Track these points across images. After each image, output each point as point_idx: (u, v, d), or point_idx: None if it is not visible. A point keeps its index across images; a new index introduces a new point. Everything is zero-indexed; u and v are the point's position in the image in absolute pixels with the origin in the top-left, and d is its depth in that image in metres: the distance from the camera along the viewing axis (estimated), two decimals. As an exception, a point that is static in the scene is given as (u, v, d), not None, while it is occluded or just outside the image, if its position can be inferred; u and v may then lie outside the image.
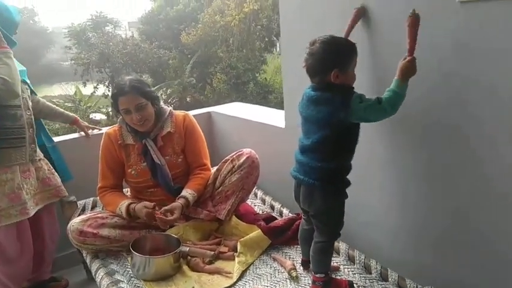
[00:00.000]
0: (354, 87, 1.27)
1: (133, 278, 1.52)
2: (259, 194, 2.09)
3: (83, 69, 13.33)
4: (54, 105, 2.03)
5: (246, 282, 1.48)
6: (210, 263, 1.58)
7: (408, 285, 1.31)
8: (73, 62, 14.06)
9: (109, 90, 11.90)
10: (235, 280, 1.47)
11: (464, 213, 1.27)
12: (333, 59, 1.22)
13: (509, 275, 1.19)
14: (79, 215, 1.83)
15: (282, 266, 1.55)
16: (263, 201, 2.05)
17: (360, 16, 1.37)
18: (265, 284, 1.46)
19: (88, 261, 1.65)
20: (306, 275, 1.48)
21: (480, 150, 1.18)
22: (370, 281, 1.41)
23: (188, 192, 1.73)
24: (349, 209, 1.34)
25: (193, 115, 1.92)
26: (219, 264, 1.58)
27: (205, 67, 13.21)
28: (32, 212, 1.68)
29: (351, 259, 1.53)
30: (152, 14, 15.18)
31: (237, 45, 12.65)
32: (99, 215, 1.70)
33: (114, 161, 1.78)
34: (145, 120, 1.69)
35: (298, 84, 1.31)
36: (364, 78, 1.40)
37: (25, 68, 1.81)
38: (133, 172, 1.78)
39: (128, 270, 1.57)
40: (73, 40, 15.39)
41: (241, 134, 2.33)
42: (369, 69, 1.42)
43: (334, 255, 1.50)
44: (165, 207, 1.66)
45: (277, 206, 1.94)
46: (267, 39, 13.43)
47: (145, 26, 15.17)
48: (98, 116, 11.63)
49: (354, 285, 1.38)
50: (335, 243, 1.46)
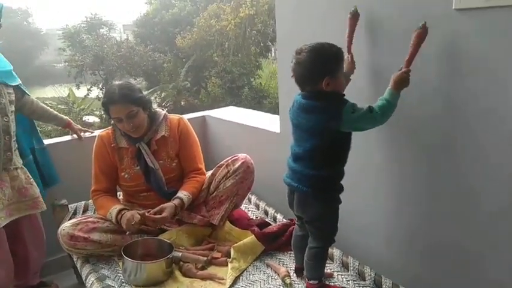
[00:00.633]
0: (344, 94, 1.26)
1: (124, 284, 1.49)
2: (253, 199, 2.08)
3: (77, 71, 13.26)
4: (48, 107, 1.97)
5: (239, 288, 1.46)
6: (203, 268, 1.56)
7: (402, 293, 1.31)
8: (67, 64, 13.98)
9: (102, 93, 11.83)
10: (228, 286, 1.45)
11: (459, 220, 1.27)
12: (322, 68, 1.19)
13: (503, 285, 1.19)
14: (70, 218, 1.80)
15: (275, 272, 1.53)
16: (257, 207, 2.04)
17: (356, 20, 1.35)
18: (259, 291, 1.44)
19: (78, 265, 1.62)
20: (300, 282, 1.47)
21: (476, 157, 1.18)
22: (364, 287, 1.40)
23: (183, 193, 1.72)
24: (344, 215, 1.33)
25: (188, 119, 1.91)
26: (212, 270, 1.56)
27: (200, 71, 13.21)
28: (3, 223, 1.59)
29: (345, 266, 1.52)
30: (147, 17, 15.17)
31: (232, 50, 12.68)
32: (90, 219, 1.67)
33: (107, 164, 1.76)
34: (137, 127, 1.68)
35: (293, 89, 1.30)
36: (365, 84, 1.41)
37: (10, 68, 1.71)
38: (126, 176, 1.76)
39: (119, 275, 1.54)
40: (67, 42, 15.31)
41: (236, 139, 2.32)
42: (370, 75, 1.42)
43: (328, 262, 1.49)
44: (155, 209, 1.64)
45: (271, 211, 1.93)
46: (262, 44, 13.48)
47: (141, 28, 15.15)
48: (91, 119, 11.54)
49: (348, 292, 1.37)
50: (329, 250, 1.46)
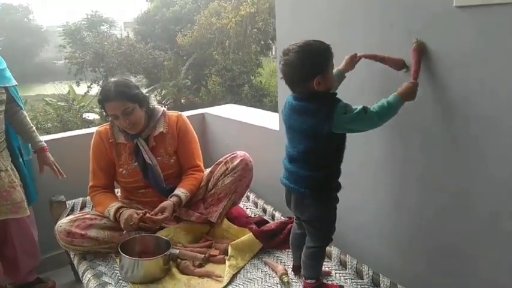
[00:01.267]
0: (337, 93, 1.24)
1: (121, 281, 1.49)
2: (252, 197, 2.07)
3: (77, 68, 13.27)
4: (30, 126, 1.80)
5: (236, 286, 1.46)
6: (200, 266, 1.56)
7: (400, 292, 1.30)
8: (67, 61, 13.99)
9: (103, 90, 11.81)
10: (225, 284, 1.44)
11: (458, 219, 1.26)
12: (312, 67, 1.16)
13: (499, 284, 1.19)
14: (68, 215, 1.79)
15: (273, 270, 1.53)
16: (255, 205, 2.03)
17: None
18: (256, 289, 1.44)
19: (75, 262, 1.62)
20: (298, 280, 1.46)
21: (474, 156, 1.17)
22: (362, 286, 1.39)
23: (181, 191, 1.71)
24: (342, 213, 1.33)
25: (187, 116, 1.90)
26: (210, 267, 1.55)
27: (200, 69, 13.20)
28: None
29: (343, 264, 1.51)
30: (148, 15, 15.17)
31: (233, 48, 12.66)
32: (88, 216, 1.66)
33: (105, 159, 1.75)
34: (134, 124, 1.66)
35: (293, 87, 1.29)
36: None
37: (1, 67, 1.66)
38: (124, 172, 1.75)
39: (116, 272, 1.54)
40: (67, 39, 15.31)
41: (235, 136, 2.32)
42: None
43: (326, 260, 1.49)
44: (155, 210, 1.63)
45: (269, 209, 1.92)
46: (263, 43, 13.46)
47: (141, 26, 15.15)
48: (92, 116, 11.54)
49: (346, 290, 1.37)
50: (327, 248, 1.45)
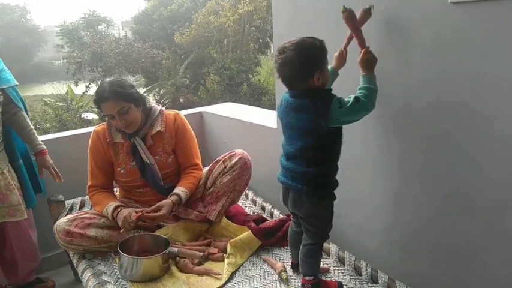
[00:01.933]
0: (332, 89, 1.25)
1: (120, 279, 1.49)
2: (250, 195, 2.08)
3: (75, 68, 13.26)
4: (30, 128, 1.77)
5: (235, 283, 1.46)
6: (199, 264, 1.56)
7: (398, 287, 1.31)
8: (65, 60, 13.99)
9: (101, 90, 11.80)
10: (224, 281, 1.45)
11: (455, 215, 1.26)
12: (312, 64, 1.17)
13: (497, 282, 1.19)
14: (67, 214, 1.79)
15: (272, 267, 1.53)
16: (254, 202, 2.04)
17: (367, 18, 1.25)
18: (255, 286, 1.44)
19: (75, 261, 1.62)
20: (296, 277, 1.47)
21: (473, 151, 1.18)
22: (360, 282, 1.40)
23: (181, 190, 1.71)
24: (340, 210, 1.33)
25: (185, 115, 1.90)
26: (209, 265, 1.56)
27: (198, 68, 13.20)
28: None
29: (341, 261, 1.52)
30: (146, 14, 15.15)
31: (231, 46, 12.66)
32: (86, 215, 1.66)
33: (103, 159, 1.75)
34: (130, 123, 1.66)
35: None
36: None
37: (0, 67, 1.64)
38: (122, 171, 1.75)
39: (116, 271, 1.54)
40: (65, 39, 15.28)
41: (233, 134, 2.32)
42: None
43: (324, 257, 1.50)
44: (153, 207, 1.63)
45: (268, 207, 1.93)
46: (261, 41, 13.47)
47: (139, 25, 15.14)
48: (90, 116, 11.53)
49: (344, 286, 1.37)
50: (326, 245, 1.46)
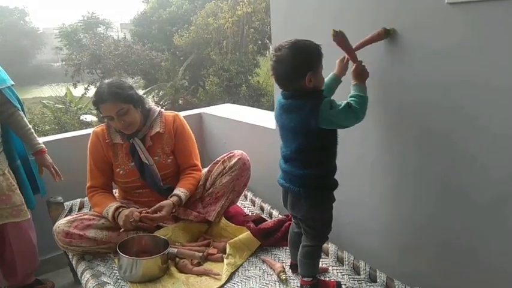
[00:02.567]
0: (323, 90, 1.26)
1: (120, 280, 1.49)
2: (249, 195, 2.08)
3: (74, 70, 13.26)
4: (28, 127, 1.77)
5: (234, 284, 1.46)
6: (199, 264, 1.57)
7: (396, 286, 1.31)
8: (64, 63, 14.00)
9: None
10: (223, 282, 1.45)
11: (454, 214, 1.27)
12: (305, 63, 1.18)
13: (496, 279, 1.20)
14: (66, 216, 1.80)
15: (271, 268, 1.54)
16: (253, 203, 2.04)
17: (381, 39, 1.27)
18: (254, 286, 1.45)
19: (74, 263, 1.62)
20: (295, 277, 1.47)
21: (471, 151, 1.18)
22: (359, 282, 1.40)
23: (181, 190, 1.72)
24: (339, 210, 1.34)
25: (184, 116, 1.91)
26: (208, 265, 1.56)
27: (197, 69, 13.22)
28: None
29: (340, 260, 1.52)
30: (145, 16, 15.16)
31: (230, 48, 12.68)
32: (86, 216, 1.67)
33: (102, 160, 1.76)
34: (129, 125, 1.67)
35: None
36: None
37: None
38: (121, 172, 1.76)
39: (115, 272, 1.54)
40: (64, 41, 15.28)
41: (232, 135, 2.32)
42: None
43: (323, 257, 1.50)
44: (153, 207, 1.64)
45: (266, 207, 1.93)
46: (260, 42, 13.48)
47: (138, 27, 15.15)
48: (89, 118, 11.53)
49: (342, 286, 1.37)
50: (324, 245, 1.46)
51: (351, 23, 1.39)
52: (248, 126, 2.16)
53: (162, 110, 1.84)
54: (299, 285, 1.40)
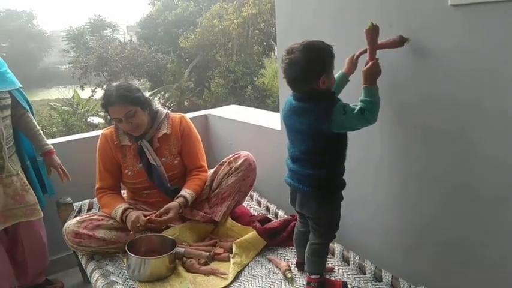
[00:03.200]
0: (334, 93, 1.25)
1: (128, 279, 1.52)
2: (255, 196, 2.10)
3: (81, 72, 13.38)
4: (36, 129, 1.81)
5: (241, 283, 1.48)
6: (206, 264, 1.59)
7: (402, 286, 1.32)
8: (71, 65, 14.12)
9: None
10: (230, 281, 1.47)
11: (458, 213, 1.28)
12: (319, 66, 1.17)
13: (499, 279, 1.20)
14: (75, 216, 1.83)
15: (277, 267, 1.55)
16: (259, 203, 2.06)
17: (395, 46, 1.25)
18: (260, 285, 1.46)
19: (83, 262, 1.65)
20: (301, 276, 1.49)
21: (476, 151, 1.19)
22: (364, 281, 1.41)
23: (187, 192, 1.74)
24: (344, 209, 1.34)
25: (190, 118, 1.93)
26: (215, 265, 1.58)
27: (203, 71, 13.26)
28: None
29: (346, 260, 1.53)
30: (151, 18, 15.25)
31: (235, 50, 12.71)
32: (95, 217, 1.69)
33: (111, 161, 1.79)
34: (137, 127, 1.70)
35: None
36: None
37: (2, 69, 1.65)
38: (129, 173, 1.78)
39: (124, 271, 1.57)
40: (71, 43, 15.42)
41: (238, 137, 2.34)
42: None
43: (328, 256, 1.51)
44: (161, 210, 1.66)
45: (272, 207, 1.95)
46: (265, 44, 13.49)
47: (144, 30, 15.24)
48: (96, 120, 11.63)
49: (348, 285, 1.38)
50: (330, 245, 1.47)
51: (355, 24, 1.41)
52: (254, 128, 2.18)
53: (169, 111, 1.87)
54: (305, 283, 1.41)
